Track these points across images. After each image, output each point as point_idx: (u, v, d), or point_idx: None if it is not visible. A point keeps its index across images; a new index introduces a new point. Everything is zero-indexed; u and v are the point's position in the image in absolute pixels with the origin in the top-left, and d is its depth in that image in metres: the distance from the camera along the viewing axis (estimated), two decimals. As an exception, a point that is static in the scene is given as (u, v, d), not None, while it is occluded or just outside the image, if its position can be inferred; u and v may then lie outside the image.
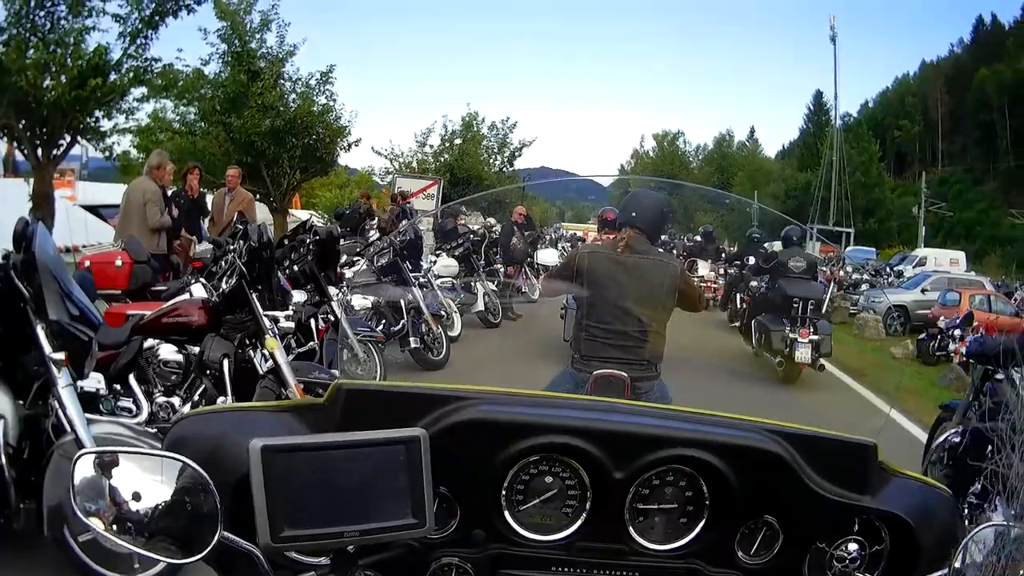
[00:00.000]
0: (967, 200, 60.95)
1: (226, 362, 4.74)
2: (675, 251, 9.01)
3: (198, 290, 5.56)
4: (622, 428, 1.45)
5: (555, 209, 60.49)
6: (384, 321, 7.74)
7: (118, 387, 4.60)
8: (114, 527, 1.23)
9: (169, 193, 8.90)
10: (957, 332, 13.39)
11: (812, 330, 8.32)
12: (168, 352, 4.78)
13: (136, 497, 1.24)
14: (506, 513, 1.48)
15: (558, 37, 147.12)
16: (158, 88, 16.22)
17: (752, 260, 11.02)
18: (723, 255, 14.10)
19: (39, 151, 13.92)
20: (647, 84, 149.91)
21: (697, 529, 1.51)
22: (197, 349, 4.79)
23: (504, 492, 1.46)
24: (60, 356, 3.44)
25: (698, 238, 16.84)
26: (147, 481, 1.25)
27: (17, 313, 3.52)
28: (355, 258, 8.83)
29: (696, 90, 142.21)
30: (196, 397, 4.72)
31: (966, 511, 3.66)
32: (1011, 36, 62.68)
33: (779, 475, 1.45)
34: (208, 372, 4.74)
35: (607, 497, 1.46)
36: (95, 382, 4.24)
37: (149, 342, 4.76)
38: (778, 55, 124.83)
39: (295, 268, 6.45)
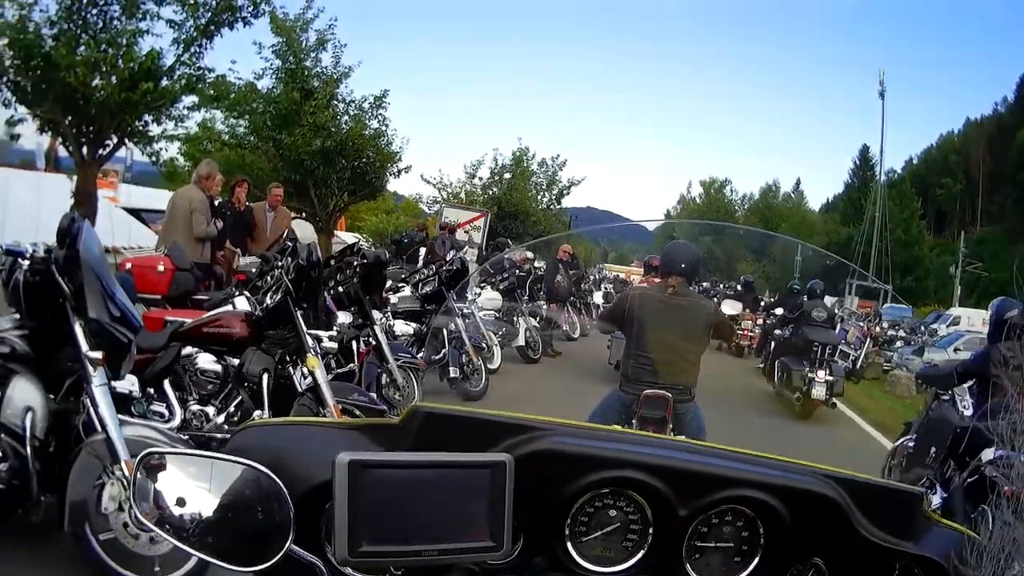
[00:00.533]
0: (1003, 260, 60.09)
1: (265, 376, 4.71)
2: (716, 298, 9.30)
3: (241, 303, 5.58)
4: (691, 467, 1.47)
5: (599, 249, 61.04)
6: (425, 349, 7.70)
7: (151, 391, 4.54)
8: (171, 529, 1.21)
9: (216, 203, 8.86)
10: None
11: (828, 371, 9.08)
12: (206, 361, 4.78)
13: (198, 501, 1.21)
14: (568, 543, 1.47)
15: (611, 81, 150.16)
16: (209, 98, 16.29)
17: (780, 311, 11.87)
18: (761, 305, 14.43)
19: (84, 149, 13.94)
20: (697, 131, 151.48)
21: (750, 568, 1.52)
22: (236, 361, 4.77)
23: (569, 522, 1.46)
24: (97, 355, 3.46)
25: (739, 287, 16.90)
26: (208, 486, 1.23)
27: (55, 309, 3.52)
28: (400, 284, 8.85)
29: (746, 140, 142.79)
30: (232, 408, 4.70)
31: None
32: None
33: (833, 519, 1.48)
34: (246, 384, 4.72)
35: (668, 533, 1.47)
36: (129, 384, 4.17)
37: (187, 349, 4.73)
38: (827, 109, 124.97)
39: (340, 289, 6.52)
